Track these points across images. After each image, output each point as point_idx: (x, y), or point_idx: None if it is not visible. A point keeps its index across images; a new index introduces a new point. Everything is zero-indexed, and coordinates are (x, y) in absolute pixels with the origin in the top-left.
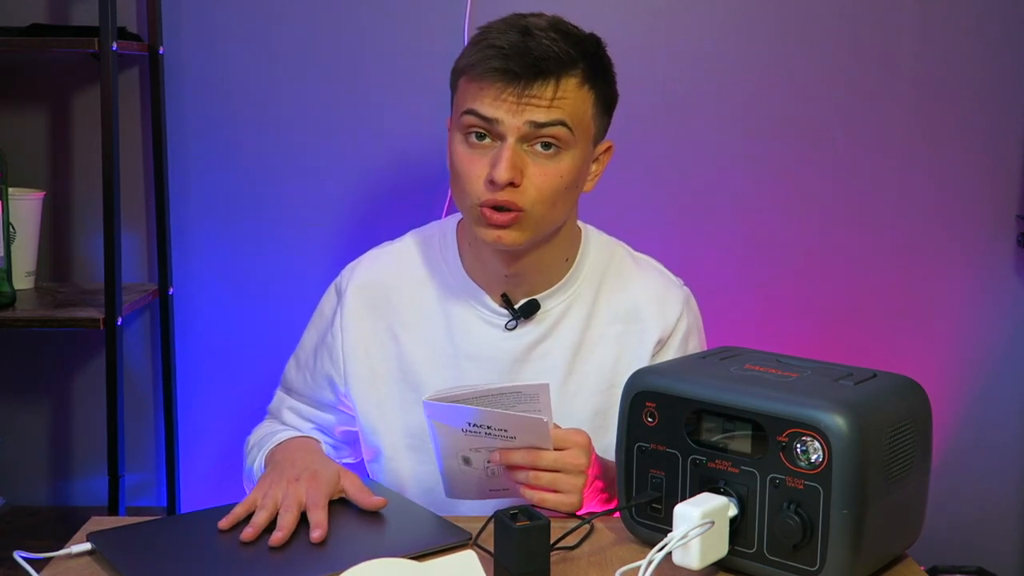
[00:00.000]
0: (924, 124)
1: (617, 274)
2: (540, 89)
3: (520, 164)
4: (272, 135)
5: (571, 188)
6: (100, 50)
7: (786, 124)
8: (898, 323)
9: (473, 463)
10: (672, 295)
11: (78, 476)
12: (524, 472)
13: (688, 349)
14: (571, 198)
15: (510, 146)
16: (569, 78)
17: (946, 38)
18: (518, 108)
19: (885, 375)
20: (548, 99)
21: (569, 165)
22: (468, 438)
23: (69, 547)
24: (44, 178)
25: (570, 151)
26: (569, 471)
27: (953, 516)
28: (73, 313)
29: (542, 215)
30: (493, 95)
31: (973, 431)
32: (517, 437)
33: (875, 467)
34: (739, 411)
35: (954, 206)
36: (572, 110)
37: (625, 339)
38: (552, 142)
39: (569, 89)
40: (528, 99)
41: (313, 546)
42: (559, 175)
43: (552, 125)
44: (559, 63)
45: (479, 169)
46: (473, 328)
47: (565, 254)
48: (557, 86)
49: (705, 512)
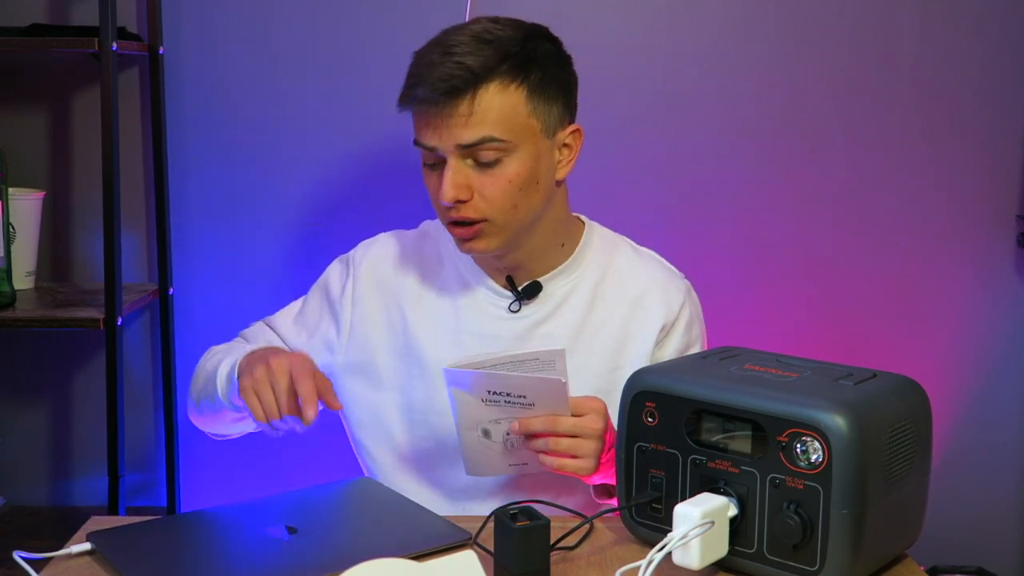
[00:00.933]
0: (924, 124)
1: (622, 264)
2: (455, 107)
3: (465, 180)
4: (272, 135)
5: (528, 185)
6: (100, 50)
7: (786, 124)
8: (898, 323)
9: (493, 436)
10: (675, 284)
11: (78, 476)
12: (543, 439)
13: (692, 337)
14: (535, 193)
15: (451, 166)
16: (487, 86)
17: (946, 38)
18: (443, 132)
19: (885, 375)
20: (466, 115)
21: (516, 168)
22: (488, 408)
23: (69, 547)
24: (44, 178)
25: (513, 155)
26: (587, 435)
27: (953, 516)
28: (73, 313)
29: (505, 220)
30: (423, 122)
31: (973, 431)
32: (536, 404)
33: (875, 467)
34: (739, 411)
35: (954, 206)
36: (497, 119)
37: (630, 324)
38: (488, 158)
39: (488, 98)
40: (447, 120)
41: (313, 546)
42: (507, 180)
43: (477, 144)
44: (469, 78)
45: (437, 188)
46: (478, 308)
47: (559, 240)
48: (473, 101)
49: (705, 512)
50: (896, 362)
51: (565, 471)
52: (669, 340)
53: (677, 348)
